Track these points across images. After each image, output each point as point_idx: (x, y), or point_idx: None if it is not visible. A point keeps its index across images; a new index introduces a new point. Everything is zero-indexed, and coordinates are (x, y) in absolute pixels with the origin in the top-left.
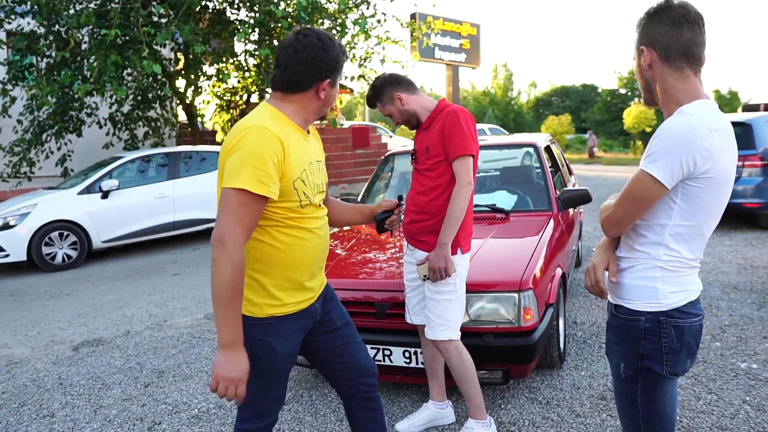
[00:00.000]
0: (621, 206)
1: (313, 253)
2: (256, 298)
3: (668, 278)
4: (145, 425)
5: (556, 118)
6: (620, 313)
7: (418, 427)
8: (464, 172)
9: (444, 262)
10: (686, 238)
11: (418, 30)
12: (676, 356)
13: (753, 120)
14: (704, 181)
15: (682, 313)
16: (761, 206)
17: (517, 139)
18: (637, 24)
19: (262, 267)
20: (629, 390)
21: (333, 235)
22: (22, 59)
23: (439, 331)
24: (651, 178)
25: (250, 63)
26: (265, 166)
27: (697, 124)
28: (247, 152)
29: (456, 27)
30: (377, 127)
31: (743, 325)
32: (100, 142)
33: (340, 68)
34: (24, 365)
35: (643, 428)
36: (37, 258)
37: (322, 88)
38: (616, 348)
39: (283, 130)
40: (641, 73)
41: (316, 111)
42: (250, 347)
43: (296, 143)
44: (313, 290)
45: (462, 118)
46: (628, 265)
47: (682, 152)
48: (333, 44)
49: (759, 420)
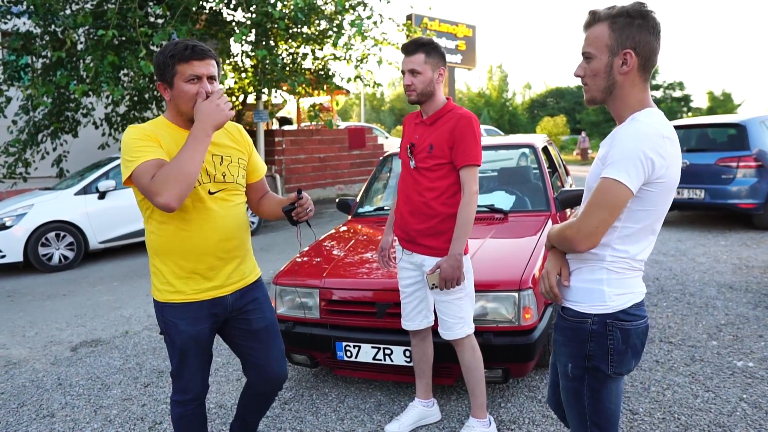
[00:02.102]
0: (592, 216)
1: (199, 242)
2: (158, 284)
3: (614, 280)
4: (146, 425)
5: (551, 119)
6: (568, 315)
7: (407, 427)
8: (473, 181)
9: (458, 272)
10: (633, 239)
11: (413, 32)
12: (621, 357)
13: (747, 121)
14: (657, 185)
15: (628, 315)
16: (756, 207)
17: (514, 140)
18: (611, 21)
19: (158, 255)
20: (576, 388)
21: (331, 236)
22: (17, 59)
23: (457, 330)
24: (617, 184)
25: (247, 64)
26: (135, 143)
27: (652, 131)
28: (122, 147)
29: (452, 28)
30: (373, 128)
31: (739, 325)
32: (95, 142)
33: (166, 70)
34: (22, 366)
35: (589, 423)
36: (34, 259)
37: (162, 89)
38: (563, 349)
39: (153, 125)
40: (610, 75)
41: (176, 110)
42: (164, 326)
43: (168, 135)
44: (217, 282)
45: (475, 126)
46: (575, 267)
47: (640, 158)
48: (161, 51)
49: (756, 417)
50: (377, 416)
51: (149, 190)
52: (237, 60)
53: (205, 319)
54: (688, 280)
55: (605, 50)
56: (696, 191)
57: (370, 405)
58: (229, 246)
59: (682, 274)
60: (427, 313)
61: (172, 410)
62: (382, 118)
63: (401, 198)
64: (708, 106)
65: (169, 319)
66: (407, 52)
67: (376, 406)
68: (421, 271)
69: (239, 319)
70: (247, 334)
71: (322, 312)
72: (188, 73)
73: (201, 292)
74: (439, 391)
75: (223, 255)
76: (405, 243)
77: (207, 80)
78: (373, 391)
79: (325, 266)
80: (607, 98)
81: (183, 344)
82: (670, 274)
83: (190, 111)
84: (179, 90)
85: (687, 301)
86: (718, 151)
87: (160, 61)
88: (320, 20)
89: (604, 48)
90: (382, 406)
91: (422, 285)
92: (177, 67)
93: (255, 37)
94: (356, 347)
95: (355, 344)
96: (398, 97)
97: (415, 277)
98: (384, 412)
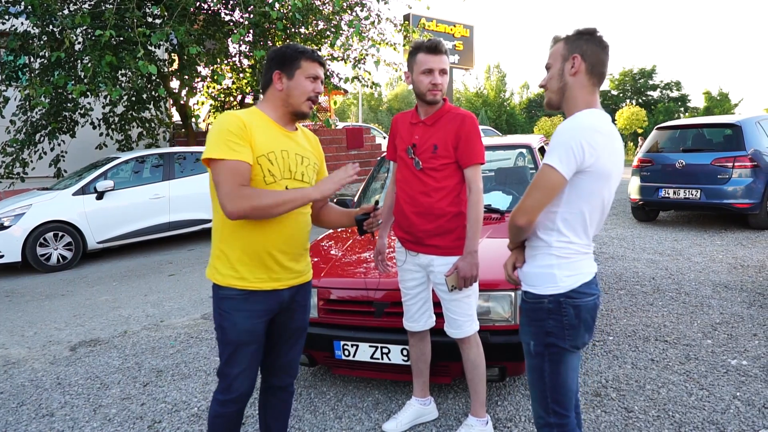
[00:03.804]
0: (530, 196)
1: (270, 234)
2: (222, 268)
3: (563, 264)
4: (145, 424)
5: (548, 120)
6: (528, 298)
7: (405, 425)
8: (479, 179)
9: (475, 269)
10: (573, 224)
11: (411, 32)
12: (575, 332)
13: (743, 121)
14: (587, 174)
15: (578, 293)
16: (751, 206)
17: (511, 140)
18: (566, 38)
19: (226, 240)
20: (538, 365)
21: (328, 236)
22: (15, 59)
23: (467, 328)
24: (551, 169)
25: (245, 64)
26: (231, 135)
27: (583, 124)
28: (215, 128)
29: (449, 29)
30: (371, 128)
31: (734, 323)
32: (93, 142)
33: (292, 61)
34: (21, 365)
35: (549, 400)
36: (32, 259)
37: (277, 77)
38: (527, 328)
39: (248, 115)
40: (562, 77)
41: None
42: (219, 318)
43: (261, 127)
44: (280, 275)
45: (477, 126)
46: (530, 255)
47: (571, 145)
48: (286, 45)
49: (749, 415)
50: (375, 415)
51: (230, 192)
52: (235, 60)
53: (262, 313)
54: (684, 279)
55: (560, 58)
56: (692, 191)
57: (367, 403)
58: (295, 242)
59: (678, 273)
60: (430, 314)
61: (211, 407)
62: (380, 118)
63: (404, 200)
64: (705, 106)
65: (225, 310)
66: (438, 51)
67: (374, 404)
68: (427, 272)
69: (284, 315)
70: (285, 331)
71: (320, 311)
72: (311, 72)
73: (263, 281)
74: (436, 389)
75: (289, 250)
76: (410, 245)
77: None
78: (370, 390)
79: (322, 266)
80: (561, 100)
81: (238, 336)
82: (666, 273)
83: (298, 105)
84: (298, 83)
85: (682, 300)
86: (713, 152)
87: (286, 52)
88: (318, 21)
89: (559, 57)
90: (380, 404)
91: (426, 286)
92: (303, 62)
93: (253, 37)
94: (354, 346)
95: (353, 343)
96: (396, 97)
97: (419, 278)
98: (381, 411)
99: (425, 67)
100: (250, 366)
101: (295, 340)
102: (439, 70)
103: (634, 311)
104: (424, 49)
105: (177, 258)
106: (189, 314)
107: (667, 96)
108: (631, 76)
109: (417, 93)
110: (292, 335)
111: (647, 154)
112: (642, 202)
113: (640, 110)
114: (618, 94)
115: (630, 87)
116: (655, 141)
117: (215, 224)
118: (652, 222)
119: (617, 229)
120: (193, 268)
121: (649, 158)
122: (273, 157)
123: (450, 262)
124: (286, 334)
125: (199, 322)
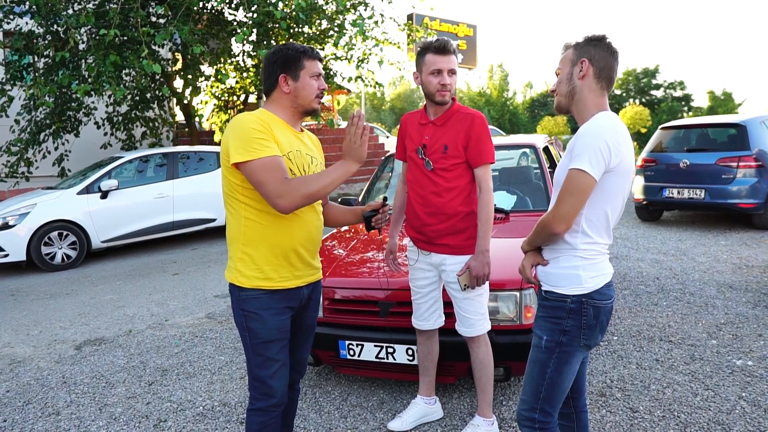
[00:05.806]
0: (564, 203)
1: (293, 232)
2: (246, 270)
3: (588, 266)
4: (151, 423)
5: (551, 119)
6: (550, 297)
7: (410, 424)
8: (489, 179)
9: (487, 268)
10: (596, 225)
11: (414, 32)
12: (591, 332)
13: (747, 121)
14: (612, 173)
15: (600, 294)
16: (756, 206)
17: (516, 140)
18: (575, 44)
19: (251, 242)
20: (545, 360)
21: (332, 236)
22: (20, 59)
23: (479, 326)
24: (582, 173)
25: (248, 63)
26: (258, 134)
27: (604, 125)
28: (237, 131)
29: (453, 28)
30: (374, 128)
31: (739, 324)
32: (97, 142)
33: (295, 63)
34: (27, 364)
35: (541, 396)
36: (37, 258)
37: (284, 80)
38: (543, 323)
39: (263, 115)
40: (571, 80)
41: (291, 103)
42: (244, 320)
43: (277, 127)
44: (302, 271)
45: (487, 125)
46: (554, 257)
47: (599, 147)
48: (285, 47)
49: (755, 415)
50: (380, 414)
51: (277, 188)
52: (239, 60)
53: (286, 310)
54: (688, 279)
55: (569, 63)
56: (696, 191)
57: (372, 403)
58: (315, 238)
59: (683, 273)
60: (440, 313)
61: (251, 420)
62: (383, 117)
63: (415, 200)
64: (708, 106)
65: (250, 311)
66: (447, 51)
67: (379, 403)
68: (439, 271)
69: (301, 312)
70: (299, 328)
71: (325, 311)
72: (314, 70)
73: (287, 280)
74: (441, 389)
75: (311, 246)
76: (422, 244)
77: None
78: (375, 389)
79: (327, 266)
80: (570, 103)
81: (268, 335)
82: (671, 273)
83: (308, 103)
84: (305, 83)
85: (687, 300)
86: (718, 151)
87: (287, 54)
88: (321, 20)
89: (568, 62)
90: (385, 403)
91: (437, 285)
92: (305, 62)
93: (256, 36)
94: (359, 346)
95: (358, 343)
96: (398, 97)
97: (431, 277)
98: (387, 410)
99: (434, 68)
100: (286, 363)
101: (306, 338)
102: (447, 70)
103: (638, 311)
104: (432, 49)
105: (181, 257)
106: (193, 313)
107: (671, 95)
108: (634, 76)
109: (426, 94)
110: (305, 333)
111: (651, 154)
112: (646, 202)
113: (644, 110)
114: (621, 94)
115: (633, 86)
116: (659, 141)
117: (234, 228)
118: (656, 222)
119: (621, 228)
120: (197, 267)
121: (653, 158)
122: (293, 157)
123: (462, 261)
124: (300, 332)
125: (203, 322)
